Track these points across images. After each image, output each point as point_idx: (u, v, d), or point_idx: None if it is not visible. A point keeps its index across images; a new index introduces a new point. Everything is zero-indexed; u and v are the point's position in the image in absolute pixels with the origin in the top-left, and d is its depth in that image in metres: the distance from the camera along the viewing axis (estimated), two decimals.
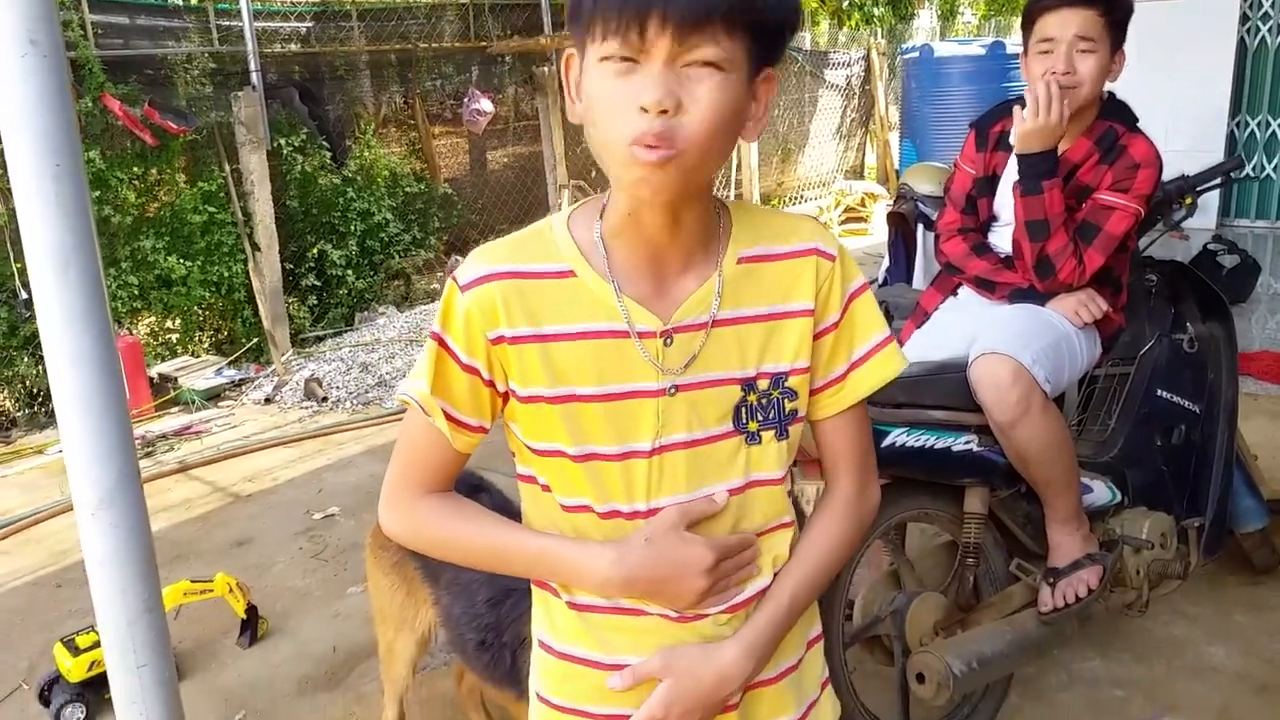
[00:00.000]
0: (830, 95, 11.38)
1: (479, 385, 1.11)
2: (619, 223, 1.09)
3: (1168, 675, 2.74)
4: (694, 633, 1.14)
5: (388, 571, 2.21)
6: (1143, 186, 2.31)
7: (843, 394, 1.18)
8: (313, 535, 3.95)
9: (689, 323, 1.10)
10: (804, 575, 1.18)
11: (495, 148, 8.29)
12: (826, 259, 1.14)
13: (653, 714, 1.13)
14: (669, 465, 1.11)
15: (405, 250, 7.23)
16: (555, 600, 1.18)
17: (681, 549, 1.10)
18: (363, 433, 5.11)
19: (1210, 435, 2.83)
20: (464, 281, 1.09)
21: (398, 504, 1.18)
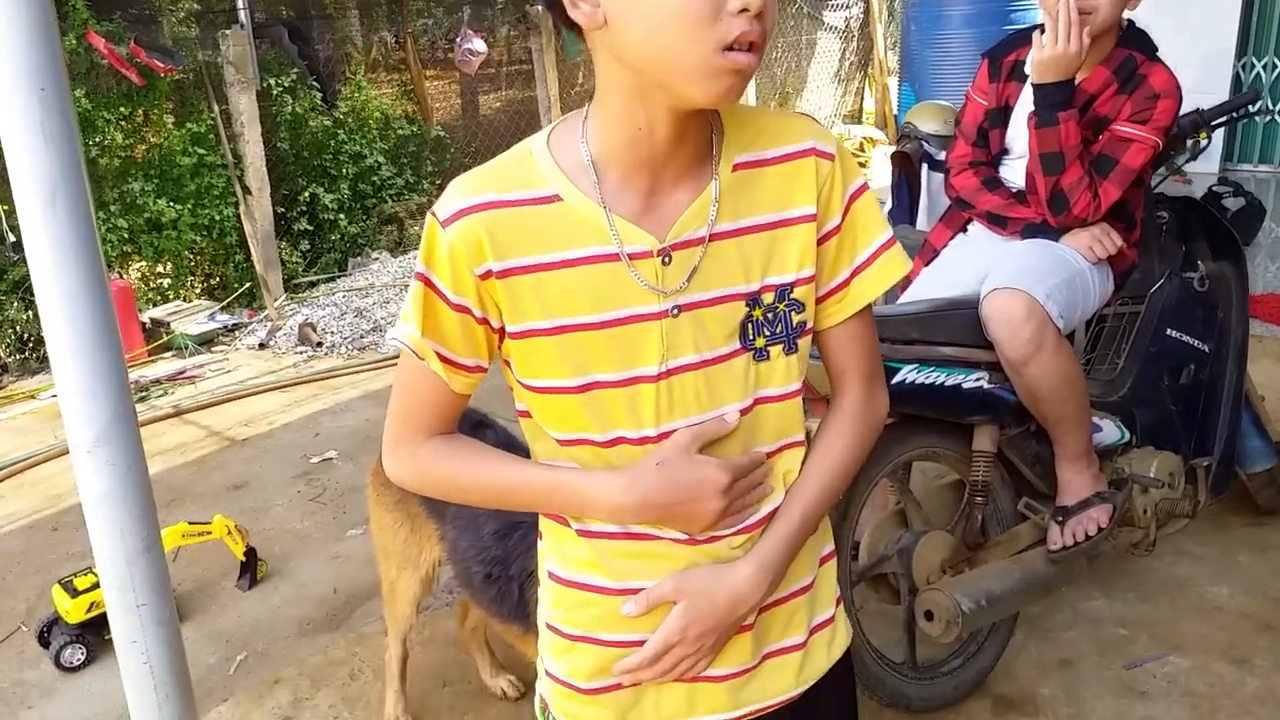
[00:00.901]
0: (828, 38, 11.18)
1: (471, 324, 1.06)
2: (623, 141, 1.03)
3: (1172, 614, 2.74)
4: (707, 555, 1.11)
5: (390, 509, 2.18)
6: (1162, 118, 2.25)
7: (846, 301, 1.14)
8: (310, 479, 3.92)
9: (686, 238, 1.05)
10: (814, 489, 1.15)
11: (488, 90, 8.14)
12: (825, 159, 1.09)
13: (669, 638, 1.11)
14: (679, 388, 1.07)
15: (398, 194, 7.12)
16: (565, 529, 1.15)
17: (695, 471, 1.06)
18: (359, 377, 5.06)
19: (1219, 375, 2.81)
20: (444, 216, 1.03)
21: (400, 450, 1.14)
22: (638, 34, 0.95)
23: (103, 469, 2.03)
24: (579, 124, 1.06)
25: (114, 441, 2.02)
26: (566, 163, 1.05)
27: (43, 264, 1.88)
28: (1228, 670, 2.51)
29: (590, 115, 1.06)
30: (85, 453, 2.01)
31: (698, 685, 1.16)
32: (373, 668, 2.68)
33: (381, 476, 2.24)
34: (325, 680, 2.66)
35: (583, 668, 1.17)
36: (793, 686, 1.21)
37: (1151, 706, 2.41)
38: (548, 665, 1.22)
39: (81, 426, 1.98)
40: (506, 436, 2.16)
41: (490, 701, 2.53)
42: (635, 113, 1.01)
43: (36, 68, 1.78)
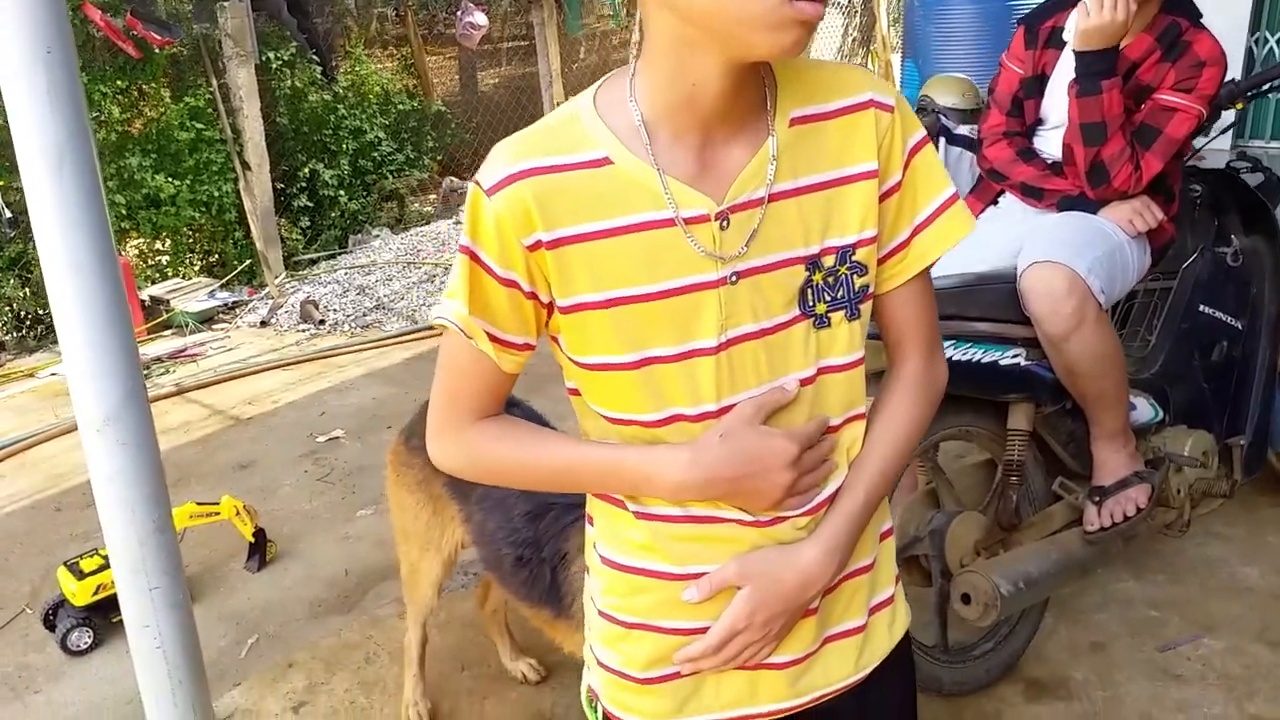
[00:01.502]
0: (831, 14, 11.05)
1: (520, 299, 0.99)
2: (676, 98, 0.95)
3: (1202, 595, 2.70)
4: (771, 538, 1.05)
5: (412, 490, 2.11)
6: (1207, 86, 2.17)
7: (907, 262, 1.07)
8: (317, 458, 3.85)
9: (745, 199, 0.98)
10: (878, 465, 1.09)
11: (488, 65, 8.03)
12: (885, 111, 1.02)
13: (734, 624, 1.05)
14: (739, 359, 1.00)
15: (398, 170, 7.02)
16: (621, 512, 1.08)
17: (762, 442, 1.00)
18: (363, 355, 4.98)
19: (1252, 352, 2.75)
20: (488, 184, 0.96)
21: (447, 434, 1.08)
22: None
23: (113, 448, 1.96)
24: (626, 82, 0.99)
25: (124, 420, 1.95)
26: (615, 123, 0.98)
27: (49, 235, 1.80)
28: (1263, 652, 2.47)
29: (638, 72, 0.98)
30: (95, 432, 1.93)
31: (759, 673, 1.10)
32: (389, 651, 2.62)
33: (402, 457, 2.17)
34: (340, 664, 2.60)
35: (639, 657, 1.11)
36: (852, 672, 1.15)
37: (1186, 690, 2.36)
38: (599, 655, 1.15)
39: (91, 404, 1.91)
40: (531, 413, 2.10)
41: (510, 685, 2.48)
42: (688, 67, 0.94)
43: (42, 29, 1.69)
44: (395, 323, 5.39)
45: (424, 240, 6.38)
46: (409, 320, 5.40)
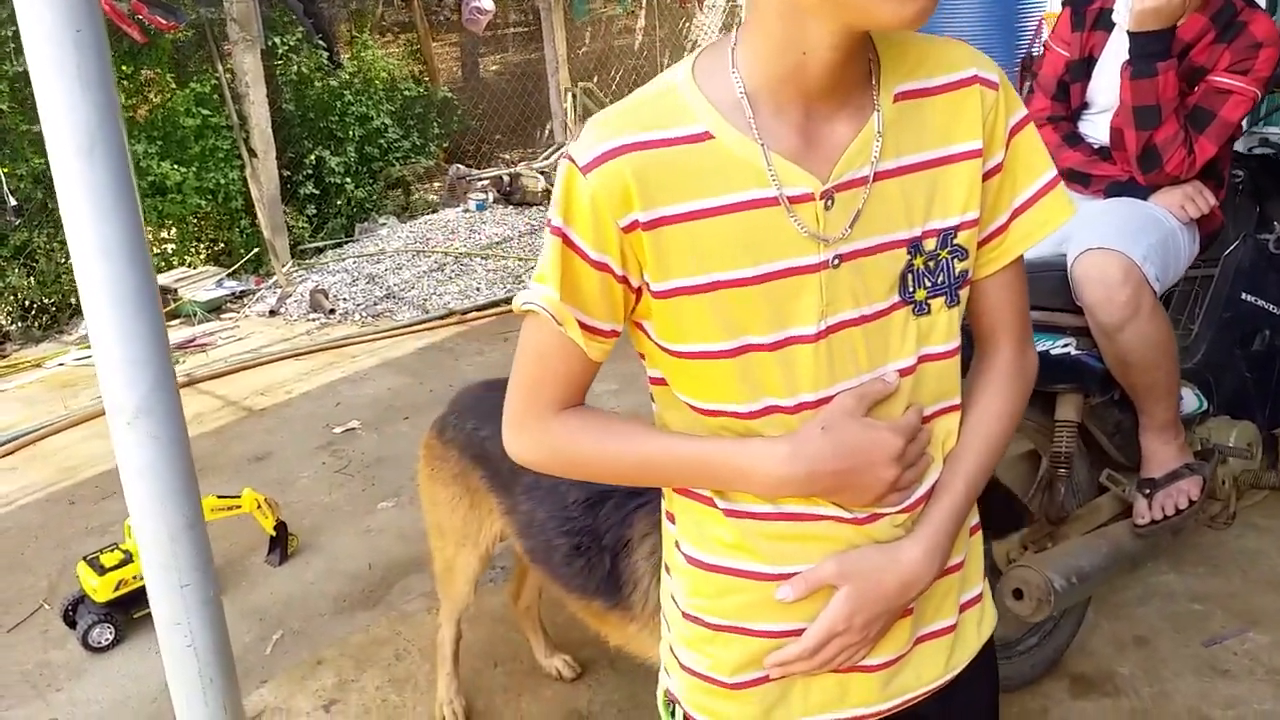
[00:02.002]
0: None
1: (611, 283, 0.94)
2: (782, 69, 0.90)
3: (1244, 588, 2.65)
4: (868, 536, 1.00)
5: (448, 484, 2.05)
6: (1263, 68, 2.12)
7: (1004, 246, 1.02)
8: (334, 450, 3.79)
9: (850, 178, 0.93)
10: (976, 458, 1.04)
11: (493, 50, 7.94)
12: (990, 88, 0.97)
13: (833, 626, 1.00)
14: (840, 347, 0.95)
15: (404, 157, 6.95)
16: (708, 510, 1.03)
17: (866, 435, 0.95)
18: (375, 345, 4.92)
19: None
20: (584, 161, 0.91)
21: (528, 425, 1.03)
22: None
23: (144, 441, 1.90)
24: (726, 52, 0.94)
25: (156, 411, 1.89)
26: (715, 95, 0.92)
27: (79, 220, 1.73)
28: None
29: (740, 42, 0.93)
30: (125, 424, 1.87)
31: (851, 675, 1.05)
32: (419, 647, 2.57)
33: (436, 450, 2.11)
34: (369, 661, 2.55)
35: (727, 660, 1.06)
36: (942, 673, 1.10)
37: (1235, 686, 2.32)
38: (683, 658, 1.10)
39: (122, 395, 1.84)
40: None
41: (545, 682, 2.42)
42: (796, 36, 0.88)
43: (71, 7, 1.62)
44: (406, 312, 5.32)
45: (432, 228, 6.32)
46: (420, 309, 5.34)
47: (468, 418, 2.06)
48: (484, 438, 1.98)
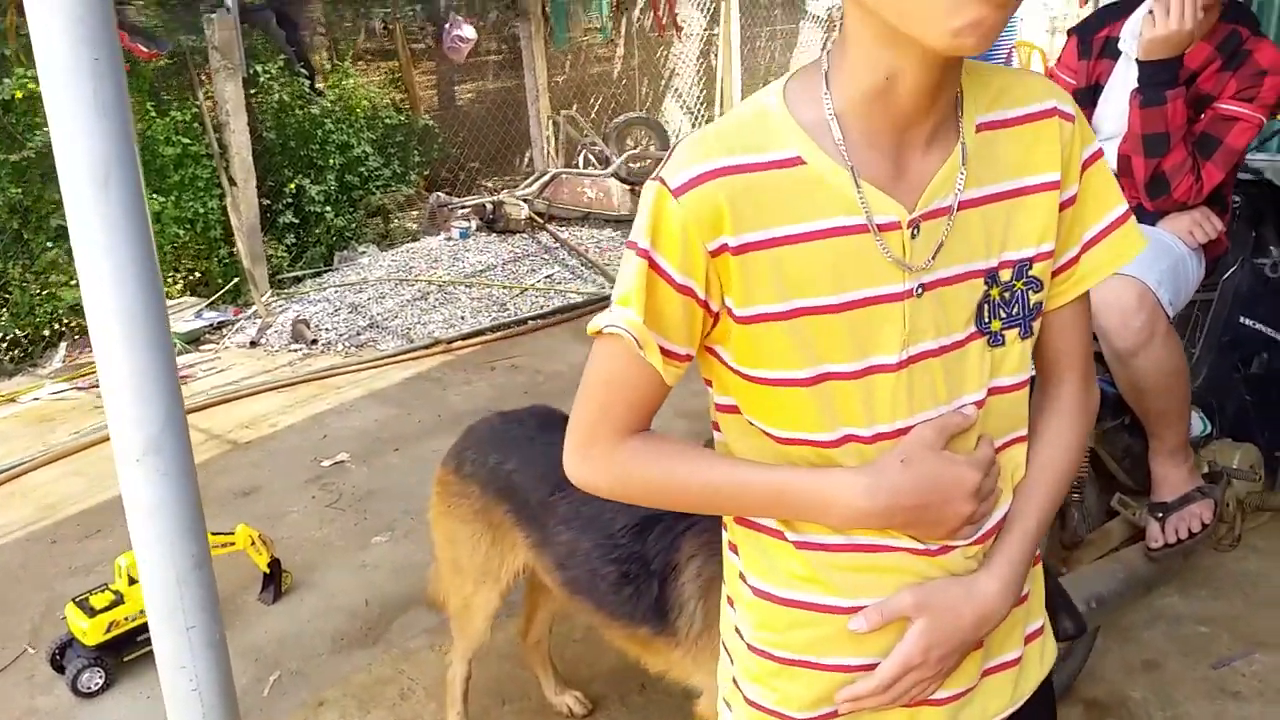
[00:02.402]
0: (810, 28, 11.10)
1: (693, 307, 0.93)
2: (869, 91, 0.90)
3: (1248, 610, 2.67)
4: (940, 568, 0.99)
5: (468, 520, 2.01)
6: (1269, 95, 2.15)
7: (1074, 279, 1.03)
8: (324, 483, 3.72)
9: (935, 207, 0.93)
10: (1045, 490, 1.04)
11: (474, 78, 7.93)
12: (1068, 120, 0.98)
13: (909, 660, 0.98)
14: (920, 378, 0.95)
15: (385, 185, 6.89)
16: (777, 542, 1.02)
17: (946, 470, 0.94)
18: (360, 375, 4.85)
19: None
20: (676, 184, 0.90)
21: (595, 451, 1.00)
22: None
23: (154, 479, 1.84)
24: (819, 76, 0.93)
25: (166, 448, 1.83)
26: (805, 119, 0.92)
27: (93, 254, 1.69)
28: None
29: (832, 65, 0.93)
30: (134, 461, 1.81)
31: (919, 710, 1.04)
32: (424, 686, 2.51)
33: (453, 487, 2.07)
34: (374, 701, 2.49)
35: (797, 696, 1.04)
36: (1007, 705, 1.09)
37: (1247, 708, 2.33)
38: (749, 693, 1.08)
39: (132, 432, 1.79)
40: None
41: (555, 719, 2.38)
42: (880, 59, 0.88)
43: (89, 33, 1.59)
44: (390, 341, 5.27)
45: (415, 257, 6.27)
46: (404, 339, 5.28)
47: (488, 451, 2.03)
48: (509, 471, 1.95)
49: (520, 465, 1.95)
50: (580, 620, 2.44)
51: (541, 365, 4.85)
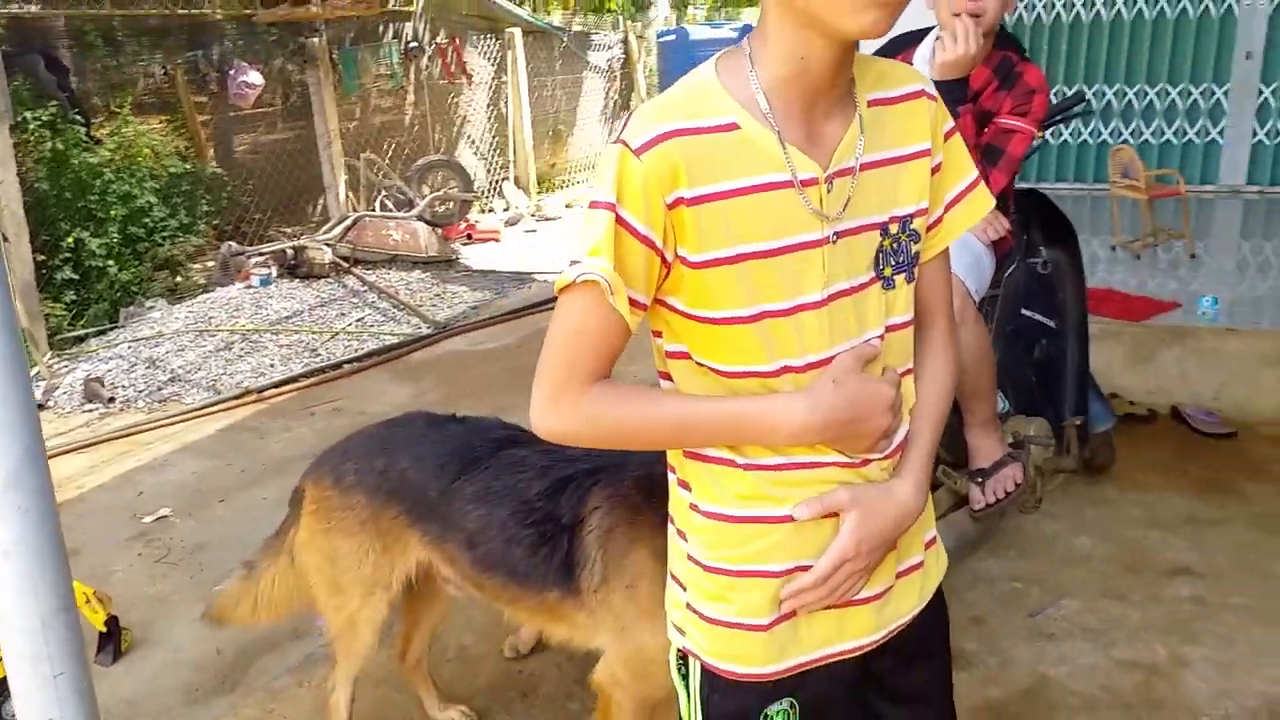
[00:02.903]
0: (594, 78, 11.51)
1: (652, 258, 1.05)
2: (788, 72, 1.06)
3: (1051, 566, 3.01)
4: (864, 478, 1.15)
5: (354, 533, 2.00)
6: (1038, 110, 2.51)
7: (940, 235, 1.21)
8: (149, 539, 3.52)
9: (843, 166, 1.09)
10: (935, 411, 1.22)
11: (262, 125, 7.71)
12: (932, 100, 1.17)
13: (844, 552, 1.12)
14: (838, 314, 1.10)
15: (172, 236, 6.57)
16: (726, 469, 1.14)
17: (868, 388, 1.10)
18: (170, 430, 4.60)
19: (1064, 348, 3.14)
20: (637, 144, 1.03)
21: (564, 399, 1.09)
22: None
23: (12, 516, 1.73)
24: (744, 58, 1.08)
25: (26, 483, 1.73)
26: (738, 93, 1.06)
27: None
28: (1112, 606, 2.79)
29: (754, 50, 1.08)
30: None
31: (848, 610, 1.18)
32: None
33: (334, 501, 2.05)
34: None
35: (751, 603, 1.16)
36: (916, 604, 1.25)
37: (1061, 646, 2.63)
38: (707, 611, 1.19)
39: None
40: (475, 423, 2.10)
41: None
42: (796, 45, 1.04)
43: None
44: (196, 394, 5.02)
45: (214, 307, 6.01)
46: (212, 391, 5.05)
47: (373, 458, 2.03)
48: (402, 470, 1.97)
49: (414, 462, 1.98)
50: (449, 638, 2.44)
51: (364, 407, 4.77)
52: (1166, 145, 6.81)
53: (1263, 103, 6.54)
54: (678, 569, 1.24)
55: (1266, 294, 4.62)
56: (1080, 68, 6.85)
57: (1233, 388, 4.00)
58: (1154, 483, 3.48)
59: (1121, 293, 4.61)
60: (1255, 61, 6.49)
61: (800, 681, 1.19)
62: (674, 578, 1.25)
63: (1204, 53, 6.59)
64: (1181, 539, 3.11)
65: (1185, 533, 3.15)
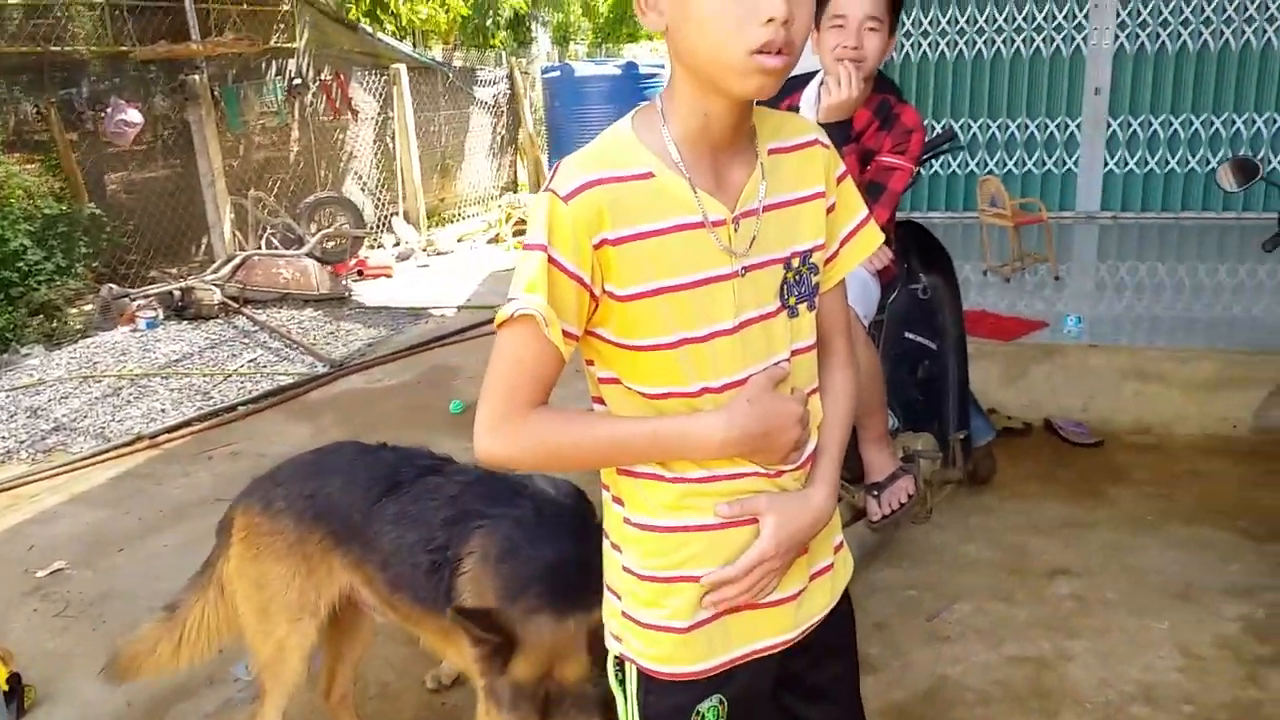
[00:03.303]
0: (480, 113, 11.57)
1: (581, 293, 1.16)
2: (694, 126, 1.19)
3: (942, 573, 3.21)
4: (779, 487, 1.28)
5: (281, 558, 2.03)
6: (915, 149, 2.71)
7: (837, 267, 1.35)
8: (44, 594, 3.40)
9: (748, 208, 1.23)
10: (841, 424, 1.36)
11: (142, 162, 7.51)
12: (825, 148, 1.32)
13: (764, 551, 1.25)
14: (749, 339, 1.23)
15: (48, 280, 6.35)
16: (655, 483, 1.25)
17: (779, 404, 1.23)
18: (57, 481, 4.44)
19: (945, 367, 3.36)
20: (565, 192, 1.14)
21: (507, 424, 1.18)
22: (690, 38, 1.14)
23: None
24: (656, 114, 1.21)
25: None
26: (651, 144, 1.19)
27: None
28: (999, 607, 3.00)
29: (665, 107, 1.21)
30: None
31: (768, 610, 1.30)
32: None
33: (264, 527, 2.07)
34: None
35: (683, 607, 1.26)
36: (827, 603, 1.38)
37: (956, 647, 2.82)
38: (642, 618, 1.29)
39: None
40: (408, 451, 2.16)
41: None
42: (700, 104, 1.18)
43: None
44: (84, 442, 4.86)
45: (99, 352, 5.83)
46: (100, 438, 4.90)
47: (302, 483, 2.07)
48: (329, 494, 2.02)
49: (341, 486, 2.04)
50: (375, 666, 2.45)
51: (264, 449, 4.70)
52: (1028, 175, 7.28)
53: (1111, 134, 7.06)
54: (613, 580, 1.34)
55: (1124, 312, 5.00)
56: (947, 102, 7.27)
57: (1098, 400, 4.32)
58: (1032, 491, 3.74)
59: (994, 314, 4.91)
60: (1103, 97, 7.01)
61: (728, 679, 1.30)
62: (610, 589, 1.34)
63: (1057, 89, 7.08)
64: (1058, 542, 3.36)
65: (1062, 536, 3.40)
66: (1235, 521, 3.44)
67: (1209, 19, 6.71)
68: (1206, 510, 3.53)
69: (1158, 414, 4.24)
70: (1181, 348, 4.33)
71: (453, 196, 11.05)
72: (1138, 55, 6.88)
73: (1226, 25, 6.70)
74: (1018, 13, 7.00)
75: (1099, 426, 4.23)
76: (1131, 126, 7.02)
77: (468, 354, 6.05)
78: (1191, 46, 6.79)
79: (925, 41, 7.24)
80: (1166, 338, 4.53)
